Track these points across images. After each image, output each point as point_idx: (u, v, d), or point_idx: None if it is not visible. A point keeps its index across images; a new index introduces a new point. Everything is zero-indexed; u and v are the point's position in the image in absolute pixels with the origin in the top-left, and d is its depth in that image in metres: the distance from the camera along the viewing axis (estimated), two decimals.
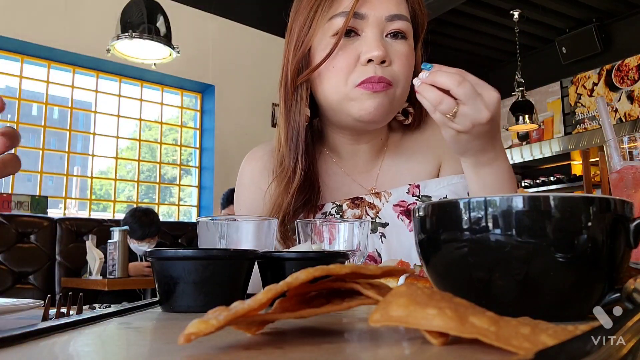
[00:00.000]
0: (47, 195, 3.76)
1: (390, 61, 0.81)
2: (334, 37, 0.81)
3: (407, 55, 0.83)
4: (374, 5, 0.81)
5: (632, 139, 0.55)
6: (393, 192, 0.91)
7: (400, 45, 0.83)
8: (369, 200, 0.91)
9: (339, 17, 0.81)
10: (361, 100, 0.80)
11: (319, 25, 0.83)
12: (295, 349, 0.28)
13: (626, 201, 0.36)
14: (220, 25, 4.57)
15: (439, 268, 0.39)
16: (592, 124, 5.75)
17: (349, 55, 0.81)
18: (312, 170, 0.88)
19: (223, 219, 0.66)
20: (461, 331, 0.25)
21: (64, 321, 0.38)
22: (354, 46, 0.81)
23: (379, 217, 0.90)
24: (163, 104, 4.54)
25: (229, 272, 0.50)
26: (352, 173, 0.94)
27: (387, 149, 0.96)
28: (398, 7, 0.83)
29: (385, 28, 0.82)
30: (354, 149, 0.93)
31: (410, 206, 0.91)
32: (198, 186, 4.60)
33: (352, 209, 0.90)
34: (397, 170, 0.95)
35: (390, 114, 0.86)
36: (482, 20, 5.46)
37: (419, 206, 0.39)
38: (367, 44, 0.80)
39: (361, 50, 0.80)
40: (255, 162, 0.98)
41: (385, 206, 0.90)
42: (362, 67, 0.80)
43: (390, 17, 0.81)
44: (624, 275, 0.36)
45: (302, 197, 0.86)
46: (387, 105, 0.82)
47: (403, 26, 0.83)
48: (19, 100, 3.85)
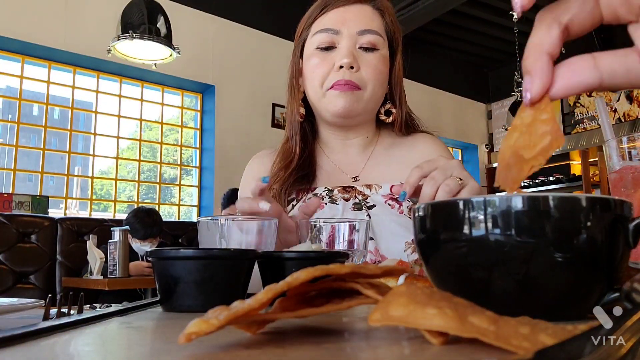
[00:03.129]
0: (48, 195, 3.76)
1: (359, 67, 0.97)
2: (317, 49, 0.99)
3: (375, 64, 0.98)
4: (348, 23, 0.98)
5: (631, 139, 0.55)
6: (383, 186, 1.00)
7: (371, 56, 0.98)
8: (359, 189, 1.01)
9: (320, 33, 0.99)
10: (332, 98, 0.97)
11: (308, 38, 1.02)
12: (296, 349, 0.28)
13: (625, 201, 0.36)
14: (220, 25, 4.57)
15: (438, 268, 0.39)
16: (592, 124, 5.75)
17: (327, 64, 0.98)
18: (307, 154, 1.05)
19: (223, 219, 0.66)
20: (461, 331, 0.25)
21: (65, 321, 0.38)
22: (331, 56, 0.98)
23: (367, 201, 0.99)
24: (163, 104, 4.54)
25: (229, 272, 0.50)
26: (340, 164, 1.06)
27: (375, 148, 1.08)
28: (370, 23, 0.99)
29: (357, 41, 0.98)
30: (342, 143, 1.07)
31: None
32: (198, 186, 4.60)
33: (342, 193, 1.00)
34: (384, 168, 1.04)
35: (362, 111, 1.00)
36: (481, 20, 5.46)
37: (419, 206, 0.39)
38: (340, 54, 0.97)
39: (336, 59, 0.97)
40: (259, 159, 1.12)
41: (374, 195, 0.99)
42: (335, 72, 0.96)
43: (361, 31, 0.98)
44: (623, 275, 0.37)
45: (300, 173, 1.01)
46: (355, 103, 0.97)
47: (373, 39, 0.98)
48: (19, 100, 3.85)
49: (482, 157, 7.17)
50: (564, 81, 0.36)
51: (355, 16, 0.98)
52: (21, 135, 3.85)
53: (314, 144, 1.08)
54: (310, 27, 1.02)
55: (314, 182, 1.03)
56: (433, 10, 4.73)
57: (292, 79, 1.05)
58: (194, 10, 4.41)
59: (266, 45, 4.69)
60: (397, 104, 1.05)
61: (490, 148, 7.24)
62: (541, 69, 0.35)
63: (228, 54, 4.60)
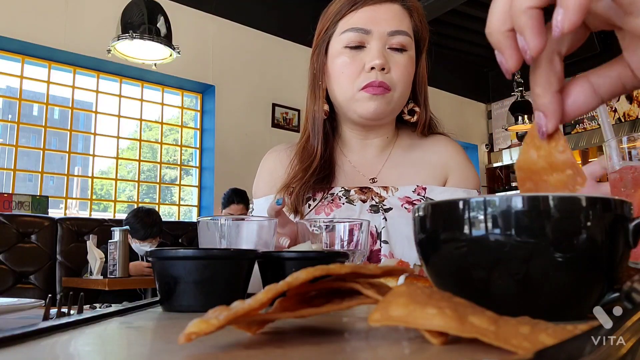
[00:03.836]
0: (48, 195, 3.76)
1: (390, 69, 0.95)
2: (345, 48, 0.97)
3: (405, 65, 0.97)
4: (379, 22, 0.96)
5: (631, 139, 0.55)
6: (400, 188, 1.00)
7: (400, 57, 0.97)
8: (376, 191, 1.00)
9: (349, 32, 0.96)
10: (364, 101, 0.95)
11: (334, 36, 0.99)
12: (296, 349, 0.28)
13: (625, 201, 0.36)
14: (220, 25, 4.57)
15: (438, 268, 0.39)
16: (591, 124, 5.75)
17: (356, 64, 0.95)
18: (328, 154, 1.04)
19: (223, 219, 0.66)
20: (461, 331, 0.25)
21: (65, 321, 0.38)
22: (360, 57, 0.96)
23: (384, 204, 0.98)
24: (163, 104, 4.54)
25: (229, 272, 0.50)
26: (357, 165, 1.06)
27: (393, 149, 1.07)
28: (400, 24, 0.97)
29: (387, 41, 0.96)
30: (362, 143, 1.06)
31: (415, 201, 0.98)
32: (198, 186, 4.60)
33: (359, 194, 1.00)
34: (401, 170, 1.04)
35: (390, 113, 1.00)
36: (481, 20, 5.44)
37: (419, 206, 0.39)
38: (371, 55, 0.95)
39: (366, 60, 0.95)
40: (276, 154, 1.11)
41: (390, 197, 0.99)
42: (366, 73, 0.95)
43: (392, 32, 0.96)
44: (623, 275, 0.36)
45: (321, 175, 1.01)
46: (386, 105, 0.96)
47: (403, 40, 0.97)
48: (19, 100, 3.85)
49: (482, 157, 7.17)
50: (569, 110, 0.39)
51: (385, 15, 0.96)
52: (21, 135, 3.85)
53: (333, 143, 1.07)
54: (337, 24, 0.99)
55: (332, 182, 1.03)
56: (433, 10, 4.73)
57: (315, 76, 1.03)
58: (194, 10, 4.40)
59: (266, 45, 4.69)
60: (421, 105, 1.04)
61: (490, 148, 7.24)
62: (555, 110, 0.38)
63: (228, 54, 4.60)
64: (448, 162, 1.05)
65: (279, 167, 1.05)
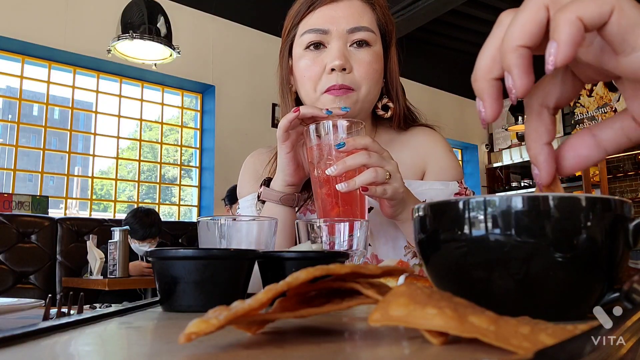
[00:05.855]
0: (48, 195, 3.76)
1: (351, 68, 0.93)
2: (306, 50, 0.95)
3: (369, 62, 0.94)
4: (337, 21, 0.93)
5: None
6: None
7: (364, 53, 0.94)
8: None
9: (308, 34, 0.95)
10: (328, 103, 0.93)
11: (296, 38, 0.98)
12: (296, 349, 0.28)
13: (625, 201, 0.36)
14: (220, 25, 4.57)
15: (438, 268, 0.39)
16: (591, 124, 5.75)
17: (317, 66, 0.94)
18: None
19: (223, 219, 0.66)
20: (461, 331, 0.25)
21: (65, 321, 0.38)
22: (321, 57, 0.94)
23: None
24: (163, 104, 4.54)
25: (229, 272, 0.50)
26: None
27: None
28: (360, 19, 0.94)
29: (348, 39, 0.93)
30: None
31: None
32: (198, 186, 4.60)
33: None
34: None
35: (358, 112, 0.97)
36: (481, 20, 5.45)
37: (419, 206, 0.39)
38: (331, 55, 0.92)
39: (327, 60, 0.93)
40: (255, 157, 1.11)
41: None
42: (327, 75, 0.93)
43: (351, 29, 0.93)
44: (623, 275, 0.36)
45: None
46: (352, 105, 0.93)
47: (365, 36, 0.94)
48: (19, 100, 3.85)
49: (482, 157, 7.17)
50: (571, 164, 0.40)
51: (344, 13, 0.94)
52: (21, 135, 3.85)
53: None
54: (298, 26, 0.97)
55: None
56: (433, 10, 4.73)
57: (283, 78, 1.01)
58: (194, 10, 4.41)
59: (266, 45, 4.69)
60: (394, 99, 1.01)
61: (490, 148, 7.24)
62: (545, 161, 0.39)
63: (228, 54, 4.60)
64: (426, 153, 1.01)
65: (260, 168, 1.05)
